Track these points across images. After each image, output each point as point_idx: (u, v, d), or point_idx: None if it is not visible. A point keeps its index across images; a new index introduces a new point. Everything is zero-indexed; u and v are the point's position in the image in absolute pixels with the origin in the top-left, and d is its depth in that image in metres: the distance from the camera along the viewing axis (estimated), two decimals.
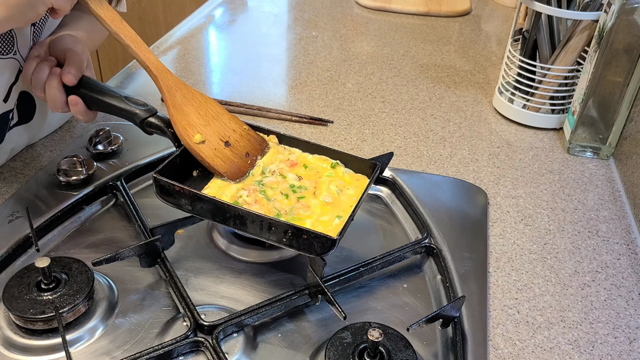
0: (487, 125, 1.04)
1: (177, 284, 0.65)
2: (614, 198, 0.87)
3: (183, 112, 0.69)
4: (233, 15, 1.48)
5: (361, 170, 0.71)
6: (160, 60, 0.71)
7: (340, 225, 0.63)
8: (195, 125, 0.69)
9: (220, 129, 0.71)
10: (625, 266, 0.74)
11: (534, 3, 0.94)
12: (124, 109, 0.71)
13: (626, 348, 0.64)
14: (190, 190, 0.63)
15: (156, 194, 0.66)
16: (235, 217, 0.62)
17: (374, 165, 0.70)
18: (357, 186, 0.70)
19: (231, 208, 0.62)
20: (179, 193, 0.64)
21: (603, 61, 0.89)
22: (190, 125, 0.69)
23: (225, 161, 0.69)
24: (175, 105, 0.69)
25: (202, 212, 0.64)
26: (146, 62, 0.70)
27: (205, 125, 0.70)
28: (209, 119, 0.71)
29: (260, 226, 0.61)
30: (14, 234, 0.71)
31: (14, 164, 0.87)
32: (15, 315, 0.60)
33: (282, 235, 0.61)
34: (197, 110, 0.71)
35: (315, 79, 1.17)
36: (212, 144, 0.69)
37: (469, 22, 1.48)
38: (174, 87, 0.70)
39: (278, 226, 0.60)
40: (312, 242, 0.59)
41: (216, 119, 0.72)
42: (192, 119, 0.69)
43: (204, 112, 0.71)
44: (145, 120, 0.71)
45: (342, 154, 0.72)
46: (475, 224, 0.79)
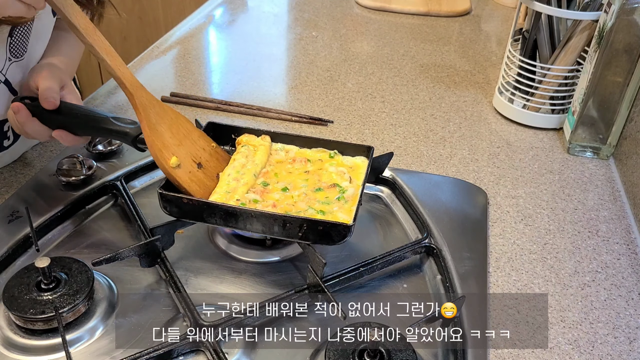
0: (487, 125, 1.04)
1: (177, 284, 0.65)
2: (614, 198, 0.87)
3: (157, 132, 0.67)
4: (233, 15, 1.48)
5: (358, 154, 0.75)
6: (134, 76, 0.68)
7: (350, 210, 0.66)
8: (170, 146, 0.67)
9: (191, 148, 0.69)
10: (625, 266, 0.74)
11: (534, 3, 0.94)
12: (113, 130, 0.69)
13: (626, 348, 0.64)
14: (199, 200, 0.64)
15: (163, 210, 0.66)
16: (247, 220, 0.63)
17: (368, 148, 0.74)
18: (359, 169, 0.73)
19: (243, 211, 0.63)
20: (187, 205, 0.64)
21: (603, 61, 0.89)
22: (165, 147, 0.66)
23: (200, 186, 0.68)
24: (150, 125, 0.66)
25: (213, 220, 0.64)
26: (121, 78, 0.66)
27: (178, 145, 0.68)
28: (180, 138, 0.69)
29: (274, 224, 0.62)
30: (14, 234, 0.71)
31: (14, 164, 0.87)
32: (15, 315, 0.60)
33: (297, 230, 0.62)
34: (169, 129, 0.68)
35: (315, 79, 1.17)
36: (186, 167, 0.67)
37: (469, 22, 1.48)
38: (148, 105, 0.67)
39: (293, 222, 0.62)
40: (329, 231, 0.61)
41: (187, 137, 0.70)
42: (166, 139, 0.67)
43: (175, 130, 0.69)
44: (137, 137, 0.68)
45: (337, 143, 0.76)
46: (475, 224, 0.79)
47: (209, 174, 0.70)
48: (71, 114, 0.70)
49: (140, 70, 1.17)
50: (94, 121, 0.70)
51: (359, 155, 0.75)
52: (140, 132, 0.68)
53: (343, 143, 0.76)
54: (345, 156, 0.75)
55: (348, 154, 0.75)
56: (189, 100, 1.05)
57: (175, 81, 1.14)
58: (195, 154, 0.70)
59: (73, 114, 0.70)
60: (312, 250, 0.63)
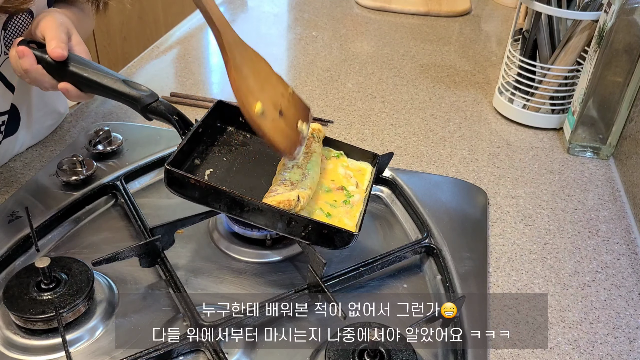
0: (487, 125, 1.04)
1: (177, 284, 0.65)
2: (614, 198, 0.87)
3: (242, 75, 0.62)
4: (233, 15, 1.48)
5: (362, 159, 0.76)
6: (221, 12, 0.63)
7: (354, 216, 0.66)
8: (254, 91, 0.62)
9: (272, 94, 0.65)
10: (625, 266, 0.74)
11: (534, 3, 0.94)
12: (124, 92, 0.65)
13: (626, 348, 0.64)
14: (207, 184, 0.61)
15: (166, 186, 0.62)
16: (251, 210, 0.61)
17: (374, 155, 0.75)
18: (365, 173, 0.74)
19: (249, 202, 0.61)
20: (194, 186, 0.61)
21: (603, 61, 0.89)
22: (250, 92, 0.62)
23: (283, 136, 0.64)
24: (236, 67, 0.61)
25: (216, 205, 0.62)
26: (209, 11, 0.61)
27: (261, 90, 0.63)
28: (262, 82, 0.64)
29: (279, 221, 0.61)
30: (14, 234, 0.71)
31: (14, 164, 0.87)
32: (15, 315, 0.60)
33: (301, 230, 0.62)
34: (252, 72, 0.63)
35: (315, 79, 1.17)
36: (270, 114, 0.63)
37: (469, 22, 1.48)
38: (234, 44, 0.62)
39: (298, 221, 0.61)
40: (333, 236, 0.61)
41: (267, 81, 0.65)
42: (250, 83, 0.62)
43: (257, 73, 0.64)
44: (148, 105, 0.65)
45: (345, 145, 0.76)
46: (475, 224, 0.79)
47: (290, 123, 0.66)
48: (80, 68, 0.67)
49: (140, 70, 1.17)
50: (105, 79, 0.66)
51: (363, 161, 0.75)
52: (152, 100, 0.66)
53: (350, 146, 0.76)
54: (350, 159, 0.76)
55: (353, 157, 0.76)
56: (189, 100, 1.05)
57: (175, 81, 1.14)
58: (276, 100, 0.65)
59: (82, 67, 0.67)
60: (312, 250, 0.63)
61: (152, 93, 0.67)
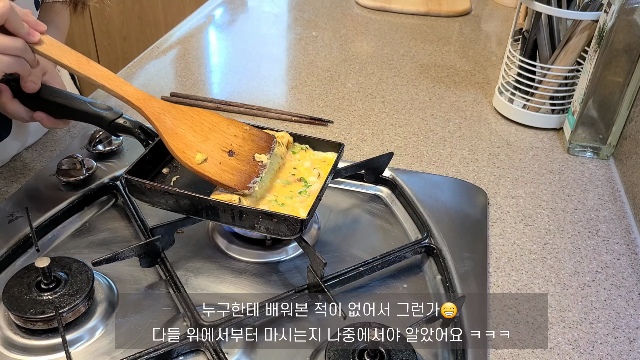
0: (487, 125, 1.04)
1: (177, 284, 0.65)
2: (614, 198, 0.87)
3: (177, 135, 0.67)
4: (233, 15, 1.48)
5: (329, 150, 0.76)
6: (138, 90, 0.68)
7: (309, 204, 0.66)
8: (193, 145, 0.67)
9: (219, 139, 0.69)
10: (625, 266, 0.74)
11: (534, 3, 0.94)
12: (89, 113, 0.72)
13: (626, 348, 0.64)
14: (160, 187, 0.65)
15: (129, 193, 0.68)
16: (207, 209, 0.64)
17: (338, 145, 0.75)
18: (328, 164, 0.74)
19: (202, 200, 0.64)
20: (150, 191, 0.65)
21: (603, 61, 0.89)
22: (187, 147, 0.66)
23: (233, 173, 0.67)
24: (167, 131, 0.66)
25: (175, 206, 0.66)
26: (125, 95, 0.67)
27: (204, 141, 0.68)
28: (205, 133, 0.69)
29: (232, 215, 0.63)
30: (14, 234, 0.71)
31: (14, 164, 0.87)
32: (15, 315, 0.60)
33: (254, 221, 0.63)
34: (191, 128, 0.68)
35: (315, 79, 1.17)
36: (215, 159, 0.67)
37: (469, 22, 1.48)
38: (161, 112, 0.68)
39: (249, 213, 0.63)
40: (282, 224, 0.62)
41: (213, 130, 0.69)
42: (187, 139, 0.67)
43: (199, 128, 0.69)
44: (112, 122, 0.71)
45: (309, 139, 0.76)
46: (475, 224, 0.79)
47: (244, 159, 0.69)
48: (50, 97, 0.72)
49: (140, 71, 1.17)
50: (71, 104, 0.72)
51: (330, 151, 0.76)
52: (115, 117, 0.72)
53: (316, 139, 0.76)
54: (316, 151, 0.76)
55: (320, 149, 0.76)
56: (189, 100, 1.05)
57: (175, 81, 1.14)
58: (224, 143, 0.69)
59: (52, 97, 0.72)
60: (312, 250, 0.63)
61: (115, 110, 0.73)
